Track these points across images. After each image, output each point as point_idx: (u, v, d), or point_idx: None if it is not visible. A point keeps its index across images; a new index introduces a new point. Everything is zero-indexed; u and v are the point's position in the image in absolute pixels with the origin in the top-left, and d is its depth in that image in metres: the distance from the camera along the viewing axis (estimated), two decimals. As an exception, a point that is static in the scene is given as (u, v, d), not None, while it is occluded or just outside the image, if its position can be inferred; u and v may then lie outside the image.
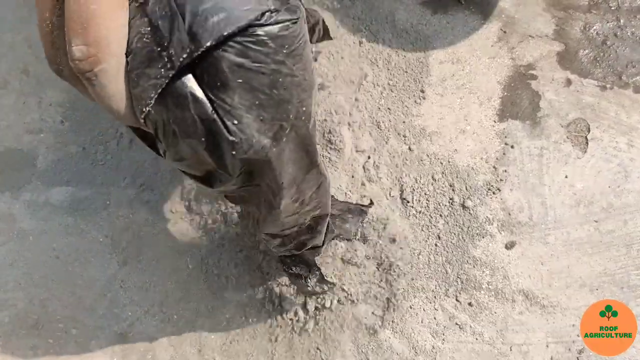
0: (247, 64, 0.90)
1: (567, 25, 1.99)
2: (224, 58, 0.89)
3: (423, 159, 1.86)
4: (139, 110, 0.93)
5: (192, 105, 0.91)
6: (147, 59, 0.89)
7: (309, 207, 1.28)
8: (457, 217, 1.82)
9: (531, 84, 1.94)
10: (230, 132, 0.93)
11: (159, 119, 0.94)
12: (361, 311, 1.76)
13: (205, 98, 0.91)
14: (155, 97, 0.90)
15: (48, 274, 1.84)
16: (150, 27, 0.89)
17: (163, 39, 0.88)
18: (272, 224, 1.29)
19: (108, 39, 0.87)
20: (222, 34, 0.86)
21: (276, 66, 0.93)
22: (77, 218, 1.88)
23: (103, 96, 0.91)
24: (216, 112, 0.92)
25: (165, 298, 1.82)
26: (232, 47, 0.89)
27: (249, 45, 0.90)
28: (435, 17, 2.01)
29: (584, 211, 1.83)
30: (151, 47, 0.89)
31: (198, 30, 0.86)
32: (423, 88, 1.94)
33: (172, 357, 1.79)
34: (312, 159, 1.15)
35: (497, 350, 1.75)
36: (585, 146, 1.88)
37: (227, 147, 0.95)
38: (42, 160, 1.93)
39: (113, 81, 0.90)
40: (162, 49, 0.88)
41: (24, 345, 1.79)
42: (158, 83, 0.89)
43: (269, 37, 0.90)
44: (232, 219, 1.79)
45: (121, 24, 0.89)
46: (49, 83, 1.99)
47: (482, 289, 1.78)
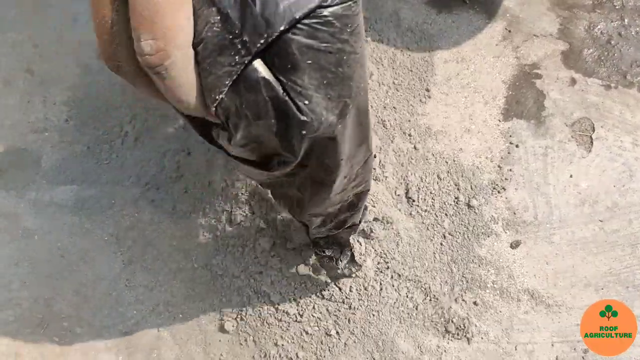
0: (316, 45, 0.92)
1: (572, 24, 2.00)
2: (294, 41, 0.90)
3: (428, 157, 1.86)
4: (211, 99, 0.94)
5: (264, 88, 0.92)
6: (219, 47, 0.90)
7: (354, 182, 1.30)
8: (463, 216, 1.82)
9: (536, 83, 1.95)
10: (302, 111, 0.95)
11: (231, 105, 0.95)
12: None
13: (276, 81, 0.92)
14: (229, 84, 0.91)
15: (53, 273, 1.84)
16: (219, 16, 0.89)
17: (234, 26, 0.88)
18: (319, 203, 1.30)
19: (175, 31, 0.87)
20: (295, 17, 0.87)
21: (341, 45, 0.95)
22: (82, 217, 1.88)
23: (174, 89, 0.92)
24: (287, 93, 0.93)
25: (170, 297, 1.82)
26: (301, 29, 0.90)
27: (317, 27, 0.91)
28: (440, 16, 2.01)
29: (589, 210, 1.83)
30: (222, 36, 0.89)
31: (270, 15, 0.87)
32: (428, 87, 1.94)
33: (177, 356, 1.79)
34: (365, 133, 1.17)
35: (502, 350, 1.75)
36: (590, 145, 1.88)
37: (298, 127, 0.97)
38: (46, 159, 1.92)
39: (183, 73, 0.91)
40: (235, 36, 0.88)
41: (29, 344, 1.79)
42: (233, 70, 0.90)
43: (334, 17, 0.91)
44: (238, 219, 1.79)
45: (186, 16, 0.88)
46: (54, 82, 1.99)
47: (487, 288, 1.79)
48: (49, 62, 2.01)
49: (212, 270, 1.82)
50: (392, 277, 1.77)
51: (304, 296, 1.77)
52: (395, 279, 1.77)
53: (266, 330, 1.77)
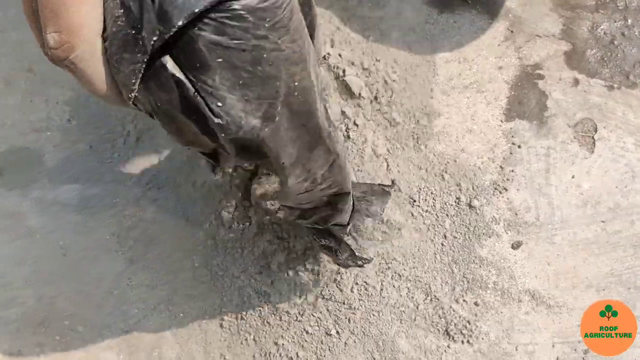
0: (225, 42, 0.84)
1: (575, 24, 1.99)
2: (200, 37, 0.83)
3: (430, 158, 1.86)
4: (126, 95, 0.89)
5: (175, 87, 0.86)
6: (123, 43, 0.85)
7: (323, 185, 1.22)
8: (464, 217, 1.82)
9: (538, 83, 1.94)
10: (215, 114, 0.88)
11: (147, 103, 0.90)
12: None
13: (187, 80, 0.86)
14: (137, 83, 0.86)
15: (56, 272, 1.85)
16: (122, 9, 0.84)
17: (135, 21, 0.83)
18: (285, 196, 1.24)
19: (80, 25, 0.84)
20: (193, 10, 0.80)
21: (257, 41, 0.86)
22: (84, 216, 1.88)
23: (85, 82, 0.89)
24: (199, 93, 0.87)
25: (172, 296, 1.82)
26: (208, 24, 0.83)
27: (226, 22, 0.83)
28: (442, 16, 2.00)
29: (591, 211, 1.83)
30: (125, 31, 0.85)
31: (168, 8, 0.80)
32: (430, 87, 1.94)
33: (178, 354, 1.79)
34: (315, 137, 1.08)
35: (503, 350, 1.75)
36: (592, 146, 1.88)
37: (215, 129, 0.90)
38: (49, 159, 1.93)
39: (92, 66, 0.88)
40: (136, 31, 0.83)
41: (31, 343, 1.80)
42: (136, 68, 0.85)
43: (246, 11, 0.84)
44: (238, 220, 1.79)
45: (92, 9, 0.85)
46: (55, 81, 2.00)
47: (488, 288, 1.79)
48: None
49: (212, 270, 1.82)
50: (392, 277, 1.77)
51: (304, 296, 1.77)
52: (395, 279, 1.77)
53: (266, 329, 1.77)
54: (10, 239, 1.87)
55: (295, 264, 1.76)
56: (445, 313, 1.77)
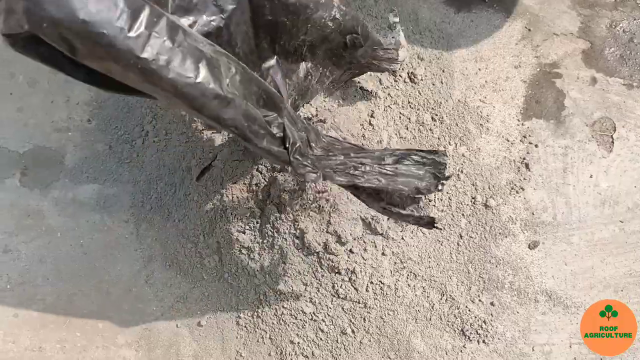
0: None
1: (593, 22, 1.97)
2: None
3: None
4: None
5: None
6: None
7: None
8: (480, 216, 1.81)
9: (556, 82, 1.93)
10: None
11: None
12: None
13: None
14: None
15: (75, 270, 1.88)
16: None
17: None
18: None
19: None
20: None
21: None
22: (103, 215, 1.91)
23: None
24: None
25: (188, 294, 1.84)
26: None
27: None
28: (458, 15, 2.00)
29: (609, 211, 1.81)
30: None
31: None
32: (448, 86, 1.93)
33: (195, 351, 1.81)
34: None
35: (520, 350, 1.74)
36: (610, 145, 1.86)
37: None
38: (70, 158, 1.96)
39: None
40: None
41: (52, 339, 1.83)
42: None
43: None
44: (255, 219, 1.80)
45: None
46: (77, 82, 2.01)
47: (505, 288, 1.78)
48: (72, 63, 2.05)
49: (230, 268, 1.84)
50: (408, 276, 1.77)
51: (319, 295, 1.78)
52: (411, 279, 1.77)
53: (282, 328, 1.79)
54: (32, 237, 1.91)
55: (311, 261, 1.77)
56: (461, 313, 1.76)
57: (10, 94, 2.02)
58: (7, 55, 2.05)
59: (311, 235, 1.68)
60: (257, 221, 1.77)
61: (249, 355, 1.80)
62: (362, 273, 1.76)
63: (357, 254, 1.71)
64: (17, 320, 1.85)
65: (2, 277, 1.87)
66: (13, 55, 1.88)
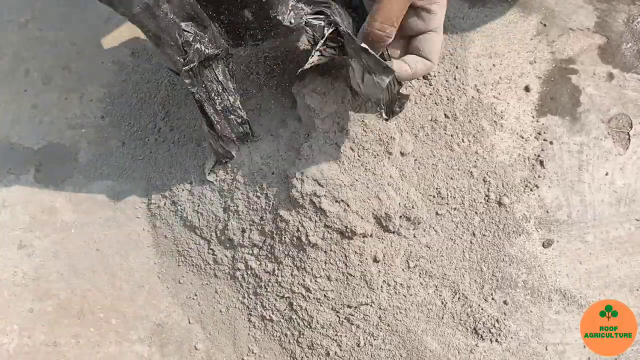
0: None
1: (610, 17, 1.94)
2: None
3: (458, 154, 1.84)
4: None
5: None
6: None
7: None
8: (493, 214, 1.80)
9: (571, 78, 1.90)
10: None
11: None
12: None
13: None
14: None
15: (89, 266, 1.90)
16: None
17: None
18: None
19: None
20: None
21: None
22: (116, 211, 1.93)
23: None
24: None
25: (200, 290, 1.85)
26: None
27: None
28: (472, 10, 1.98)
29: (625, 209, 1.79)
30: None
31: None
32: (461, 82, 1.91)
33: (207, 348, 1.82)
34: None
35: (533, 350, 1.73)
36: (627, 142, 1.83)
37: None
38: (83, 155, 1.98)
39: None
40: None
41: (66, 334, 1.85)
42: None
43: None
44: (266, 220, 1.81)
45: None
46: (90, 79, 2.04)
47: (518, 287, 1.76)
48: (86, 59, 2.07)
49: (243, 264, 1.84)
50: (420, 275, 1.76)
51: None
52: (423, 277, 1.76)
53: (295, 325, 1.79)
54: (46, 232, 1.93)
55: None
56: (474, 311, 1.75)
57: (25, 91, 2.04)
58: (22, 53, 2.07)
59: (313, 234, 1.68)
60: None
61: (260, 352, 1.80)
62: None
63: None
64: (32, 315, 1.87)
65: (17, 273, 1.90)
66: (28, 52, 1.91)
